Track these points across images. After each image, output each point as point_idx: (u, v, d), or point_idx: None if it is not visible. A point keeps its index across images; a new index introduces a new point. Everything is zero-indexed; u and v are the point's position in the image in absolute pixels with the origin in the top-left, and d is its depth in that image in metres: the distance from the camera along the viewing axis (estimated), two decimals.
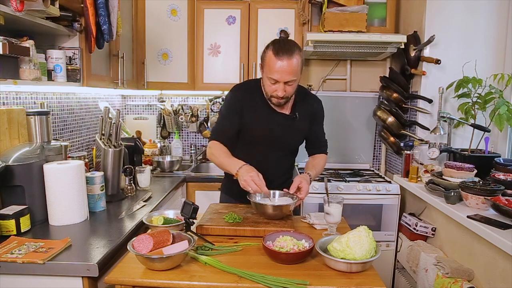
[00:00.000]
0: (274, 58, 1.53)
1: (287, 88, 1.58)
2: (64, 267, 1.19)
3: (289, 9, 2.72)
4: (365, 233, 1.22)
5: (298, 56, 1.55)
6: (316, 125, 1.84)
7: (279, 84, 1.57)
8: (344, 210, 1.54)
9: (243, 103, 1.70)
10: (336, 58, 3.05)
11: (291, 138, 1.77)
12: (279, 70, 1.53)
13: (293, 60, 1.53)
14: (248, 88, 1.75)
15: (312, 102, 1.81)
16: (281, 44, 1.57)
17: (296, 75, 1.57)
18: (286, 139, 1.76)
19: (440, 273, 1.76)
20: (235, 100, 1.71)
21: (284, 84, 1.57)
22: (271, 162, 1.76)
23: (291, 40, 1.63)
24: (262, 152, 1.75)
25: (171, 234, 1.27)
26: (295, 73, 1.56)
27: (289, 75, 1.54)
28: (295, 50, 1.55)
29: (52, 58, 1.71)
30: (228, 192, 1.93)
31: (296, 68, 1.55)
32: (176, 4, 2.73)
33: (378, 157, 3.16)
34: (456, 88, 2.30)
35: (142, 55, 2.69)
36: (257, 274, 1.14)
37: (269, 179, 1.73)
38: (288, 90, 1.59)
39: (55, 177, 1.48)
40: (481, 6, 2.37)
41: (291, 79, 1.55)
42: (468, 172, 1.98)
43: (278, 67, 1.53)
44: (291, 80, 1.56)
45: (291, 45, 1.57)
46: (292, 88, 1.60)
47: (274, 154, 1.77)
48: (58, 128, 2.15)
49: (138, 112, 3.21)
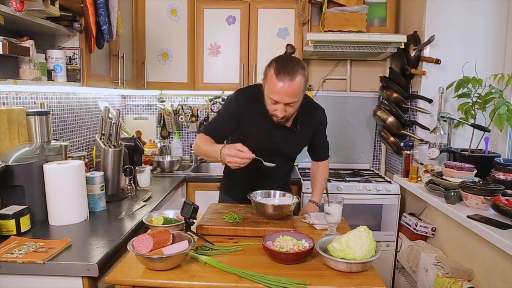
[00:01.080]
0: (275, 79, 1.48)
1: (288, 108, 1.54)
2: (64, 267, 1.19)
3: (289, 9, 2.72)
4: (365, 233, 1.22)
5: (301, 77, 1.49)
6: (319, 133, 1.84)
7: (279, 105, 1.52)
8: (344, 210, 1.54)
9: (244, 109, 1.67)
10: (336, 58, 3.05)
11: (291, 148, 1.78)
12: (279, 91, 1.48)
13: (295, 82, 1.47)
14: (251, 94, 1.70)
15: (316, 113, 1.78)
16: (284, 63, 1.49)
17: (297, 97, 1.52)
18: (286, 150, 1.76)
19: (440, 273, 1.76)
20: (236, 104, 1.68)
21: (285, 105, 1.52)
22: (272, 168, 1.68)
23: (295, 58, 1.55)
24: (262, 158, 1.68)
25: (171, 234, 1.27)
26: (296, 95, 1.50)
27: (290, 97, 1.49)
28: (298, 70, 1.48)
29: (52, 58, 1.70)
30: (226, 192, 1.95)
31: (298, 89, 1.49)
32: (176, 4, 2.73)
33: (378, 157, 3.16)
34: (456, 88, 2.30)
35: (142, 55, 2.69)
36: (257, 274, 1.14)
37: (267, 183, 1.77)
38: (288, 110, 1.55)
39: (55, 177, 1.48)
40: (481, 6, 2.37)
41: (291, 101, 1.51)
42: (468, 172, 1.98)
43: (278, 88, 1.47)
44: (292, 102, 1.52)
45: (294, 64, 1.50)
46: (293, 108, 1.56)
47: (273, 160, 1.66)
48: (58, 128, 2.15)
49: (138, 112, 3.21)
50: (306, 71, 1.52)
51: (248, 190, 1.68)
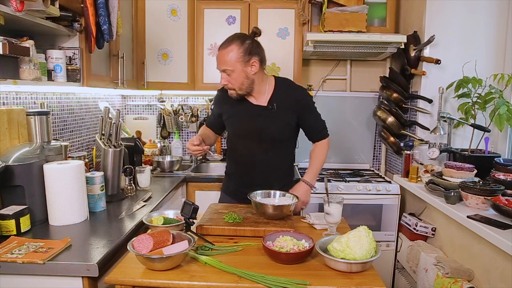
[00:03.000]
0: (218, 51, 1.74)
1: (229, 78, 1.71)
2: (64, 267, 1.19)
3: (289, 9, 2.72)
4: (365, 233, 1.22)
5: (234, 46, 1.67)
6: (307, 114, 1.84)
7: (221, 74, 1.73)
8: (344, 210, 1.54)
9: (222, 102, 1.88)
10: (336, 58, 3.05)
11: (273, 129, 1.79)
12: (217, 60, 1.73)
13: (226, 50, 1.68)
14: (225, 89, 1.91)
15: (293, 92, 1.83)
16: (225, 40, 1.73)
17: (230, 65, 1.68)
18: (269, 131, 1.79)
19: (440, 273, 1.76)
20: (217, 99, 1.95)
21: (225, 73, 1.71)
22: (262, 155, 1.83)
23: (240, 34, 1.76)
24: (251, 146, 1.83)
25: (171, 234, 1.27)
26: (228, 63, 1.68)
27: (223, 65, 1.69)
28: (232, 41, 1.69)
29: (52, 58, 1.70)
30: (225, 191, 2.00)
31: (228, 57, 1.67)
32: (176, 4, 2.73)
33: (378, 157, 3.16)
34: (456, 88, 2.30)
35: (142, 55, 2.69)
36: (257, 274, 1.14)
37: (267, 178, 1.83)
38: (230, 80, 1.71)
39: (55, 177, 1.48)
40: (481, 6, 2.37)
41: (225, 68, 1.69)
42: (468, 172, 1.98)
43: (217, 57, 1.73)
44: (226, 70, 1.69)
45: (233, 38, 1.71)
46: (233, 79, 1.71)
47: (263, 147, 1.82)
48: (58, 128, 2.15)
49: (138, 112, 3.21)
50: (246, 43, 1.69)
51: (247, 186, 1.75)
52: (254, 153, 1.84)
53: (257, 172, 1.85)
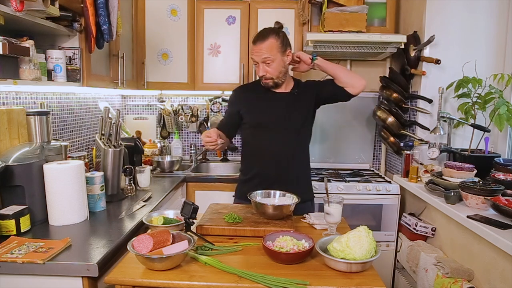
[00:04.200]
0: (252, 45, 1.83)
1: (267, 68, 1.79)
2: (64, 267, 1.19)
3: (289, 9, 2.72)
4: (365, 233, 1.22)
5: (272, 38, 1.77)
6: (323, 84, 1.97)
7: (259, 65, 1.80)
8: (344, 210, 1.54)
9: (242, 97, 1.94)
10: (336, 58, 3.05)
11: (294, 114, 1.87)
12: (255, 52, 1.80)
13: (266, 41, 1.76)
14: (245, 86, 2.06)
15: (309, 81, 2.01)
16: (258, 33, 1.83)
17: (271, 53, 1.77)
18: (288, 116, 1.86)
19: (440, 273, 1.76)
20: (235, 96, 1.97)
21: (263, 64, 1.78)
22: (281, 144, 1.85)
23: (269, 28, 1.84)
24: (275, 138, 1.85)
25: (171, 234, 1.27)
26: (269, 51, 1.76)
27: (263, 54, 1.76)
28: (269, 33, 1.79)
29: (52, 58, 1.70)
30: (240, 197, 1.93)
31: (269, 46, 1.76)
32: (176, 4, 2.73)
33: (378, 157, 3.16)
34: (456, 88, 2.30)
35: (142, 55, 2.69)
36: (257, 274, 1.15)
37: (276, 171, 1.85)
38: (268, 70, 1.79)
39: (55, 177, 1.48)
40: (481, 6, 2.37)
41: (265, 56, 1.77)
42: (468, 172, 1.98)
43: (254, 49, 1.81)
44: (267, 59, 1.77)
45: (267, 30, 1.81)
46: (271, 67, 1.79)
47: (280, 135, 1.86)
48: (58, 128, 2.15)
49: (138, 112, 3.21)
50: (280, 35, 1.80)
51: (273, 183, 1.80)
52: (279, 145, 1.85)
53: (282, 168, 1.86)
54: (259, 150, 1.89)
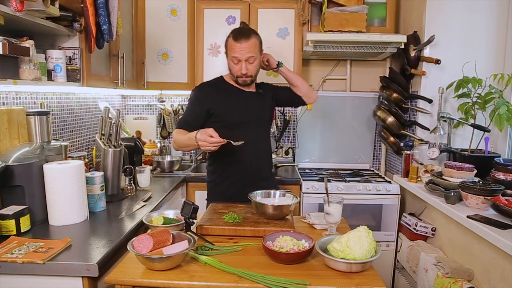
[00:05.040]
0: (234, 42, 1.79)
1: (249, 66, 1.81)
2: (64, 267, 1.19)
3: (289, 9, 2.72)
4: (365, 233, 1.22)
5: (255, 37, 1.81)
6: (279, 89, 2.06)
7: (241, 63, 1.80)
8: (344, 210, 1.54)
9: (209, 95, 1.89)
10: (336, 58, 3.05)
11: (263, 111, 1.98)
12: (239, 50, 1.78)
13: (250, 40, 1.78)
14: (213, 82, 1.97)
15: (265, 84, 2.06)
16: (239, 30, 1.85)
17: (255, 53, 1.80)
18: (260, 112, 1.96)
19: (440, 273, 1.76)
20: (201, 94, 1.91)
21: (246, 63, 1.79)
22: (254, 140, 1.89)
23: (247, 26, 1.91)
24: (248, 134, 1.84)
25: (171, 234, 1.27)
26: (253, 51, 1.79)
27: (248, 53, 1.78)
28: (251, 32, 1.82)
29: (52, 58, 1.70)
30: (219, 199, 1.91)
31: (254, 46, 1.79)
32: (176, 4, 2.73)
33: (378, 157, 3.16)
34: (456, 88, 2.30)
35: (142, 55, 2.69)
36: (257, 274, 1.15)
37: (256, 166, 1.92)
38: (250, 68, 1.81)
39: (55, 177, 1.48)
40: (481, 6, 2.37)
41: (250, 55, 1.78)
42: (468, 172, 1.98)
43: (237, 47, 1.78)
44: (250, 57, 1.79)
45: (248, 29, 1.86)
46: (253, 66, 1.82)
47: (254, 131, 1.93)
48: (58, 128, 2.15)
49: (138, 112, 3.21)
50: (259, 36, 1.84)
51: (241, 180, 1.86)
52: (255, 142, 1.91)
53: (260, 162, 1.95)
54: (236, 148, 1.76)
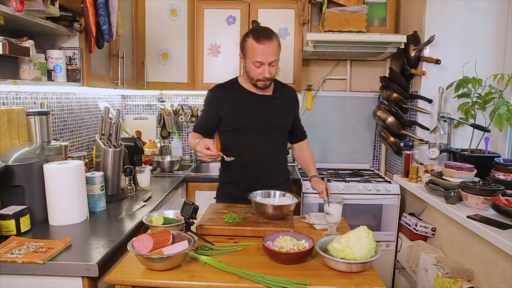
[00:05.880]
0: (256, 44, 1.69)
1: (270, 69, 1.73)
2: (64, 267, 1.19)
3: (289, 9, 2.72)
4: (365, 233, 1.22)
5: (276, 39, 1.74)
6: (297, 113, 2.00)
7: (264, 66, 1.72)
8: (344, 210, 1.54)
9: (223, 98, 1.85)
10: (336, 58, 3.05)
11: (280, 117, 1.88)
12: (263, 52, 1.69)
13: (274, 42, 1.71)
14: (227, 84, 1.91)
15: (289, 89, 1.98)
16: (259, 30, 1.75)
17: (277, 56, 1.74)
18: (275, 118, 1.86)
19: (440, 273, 1.76)
20: (211, 96, 1.88)
21: (270, 65, 1.72)
22: (266, 148, 1.84)
23: (267, 27, 1.79)
24: (258, 138, 1.83)
25: (171, 234, 1.27)
26: (276, 54, 1.73)
27: (272, 56, 1.71)
28: (273, 33, 1.74)
29: (52, 58, 1.70)
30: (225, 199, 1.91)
31: (277, 48, 1.73)
32: (176, 4, 2.73)
33: (378, 157, 3.16)
34: (456, 88, 2.30)
35: (142, 55, 2.69)
36: (257, 274, 1.15)
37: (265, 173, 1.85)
38: (271, 71, 1.74)
39: (55, 177, 1.48)
40: (481, 6, 2.37)
41: (274, 59, 1.72)
42: (468, 172, 1.98)
43: (261, 50, 1.69)
44: (274, 61, 1.72)
45: (268, 30, 1.76)
46: (274, 69, 1.76)
47: (268, 138, 1.85)
48: (58, 128, 2.15)
49: (138, 112, 3.21)
50: (278, 35, 1.77)
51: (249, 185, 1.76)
52: (265, 148, 1.83)
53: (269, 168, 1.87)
54: (245, 153, 1.81)
